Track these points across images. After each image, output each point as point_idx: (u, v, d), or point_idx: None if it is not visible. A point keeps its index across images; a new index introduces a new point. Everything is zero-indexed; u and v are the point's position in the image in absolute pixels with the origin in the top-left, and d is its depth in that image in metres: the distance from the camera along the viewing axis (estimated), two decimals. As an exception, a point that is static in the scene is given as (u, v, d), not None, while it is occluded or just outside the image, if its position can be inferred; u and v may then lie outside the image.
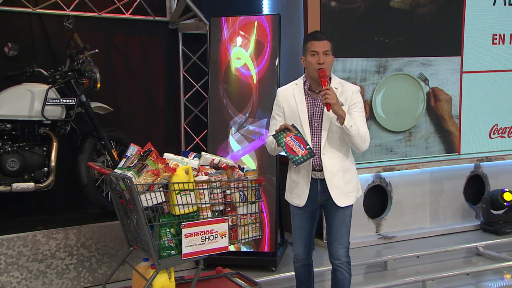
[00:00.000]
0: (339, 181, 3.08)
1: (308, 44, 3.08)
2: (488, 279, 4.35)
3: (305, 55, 3.10)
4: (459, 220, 5.74)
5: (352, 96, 3.10)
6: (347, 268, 3.18)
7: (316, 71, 3.03)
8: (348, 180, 3.12)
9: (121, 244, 4.16)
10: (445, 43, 5.48)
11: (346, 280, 3.19)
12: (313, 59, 3.04)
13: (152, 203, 2.89)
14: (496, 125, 5.80)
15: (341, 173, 3.09)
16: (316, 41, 3.05)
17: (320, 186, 3.11)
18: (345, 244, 3.16)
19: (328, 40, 3.06)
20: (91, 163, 3.37)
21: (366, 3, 5.11)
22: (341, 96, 3.06)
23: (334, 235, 3.16)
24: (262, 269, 4.34)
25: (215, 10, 5.21)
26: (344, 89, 3.12)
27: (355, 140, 3.02)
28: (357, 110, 3.09)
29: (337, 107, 2.91)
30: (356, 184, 3.20)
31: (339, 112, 2.93)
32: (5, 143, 4.07)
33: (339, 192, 3.08)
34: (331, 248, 3.19)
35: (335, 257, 3.17)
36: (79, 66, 4.24)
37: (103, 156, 4.52)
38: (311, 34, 3.14)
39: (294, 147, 2.90)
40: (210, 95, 4.69)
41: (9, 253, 3.84)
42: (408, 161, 5.39)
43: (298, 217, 3.21)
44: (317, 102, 3.10)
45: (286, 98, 3.15)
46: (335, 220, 3.14)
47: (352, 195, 3.14)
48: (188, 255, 2.93)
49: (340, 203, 3.09)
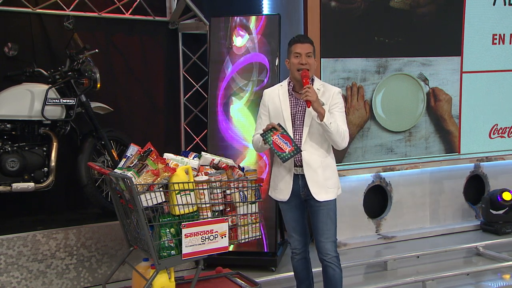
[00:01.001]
0: (318, 177, 3.17)
1: (292, 47, 3.23)
2: (488, 279, 4.35)
3: (289, 57, 3.26)
4: (459, 220, 5.74)
5: (333, 96, 3.23)
6: (337, 264, 3.23)
7: (298, 72, 3.17)
8: (328, 176, 3.20)
9: (121, 244, 4.16)
10: (445, 43, 5.48)
11: (338, 275, 3.23)
12: (296, 60, 3.19)
13: (152, 203, 2.89)
14: (496, 125, 5.80)
15: (321, 169, 3.18)
16: (300, 43, 3.20)
17: (301, 181, 3.20)
18: (331, 238, 3.22)
19: (311, 44, 3.22)
20: (91, 163, 3.37)
21: (366, 3, 5.11)
22: (323, 97, 3.19)
23: (320, 230, 3.22)
24: (262, 269, 4.34)
25: (215, 10, 5.21)
26: (326, 90, 3.25)
27: (334, 137, 3.12)
28: (338, 110, 3.22)
29: (316, 104, 3.05)
30: (337, 181, 3.28)
31: (319, 109, 3.05)
32: (5, 143, 4.07)
33: (318, 186, 3.17)
34: (318, 243, 3.24)
35: (323, 252, 3.22)
36: (79, 66, 4.24)
37: (103, 156, 4.52)
38: (295, 37, 3.27)
39: (281, 144, 3.03)
40: (210, 95, 4.69)
41: (9, 253, 3.84)
42: (408, 161, 5.40)
43: (287, 211, 3.30)
44: (299, 101, 3.23)
45: (272, 99, 3.29)
46: (319, 215, 3.21)
47: (332, 191, 3.22)
48: (188, 255, 2.93)
49: (320, 198, 3.17)
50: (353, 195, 5.20)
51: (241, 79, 4.65)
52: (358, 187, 5.28)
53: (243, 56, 4.66)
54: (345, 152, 5.08)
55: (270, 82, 4.56)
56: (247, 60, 4.65)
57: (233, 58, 4.67)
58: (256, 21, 4.67)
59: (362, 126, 5.21)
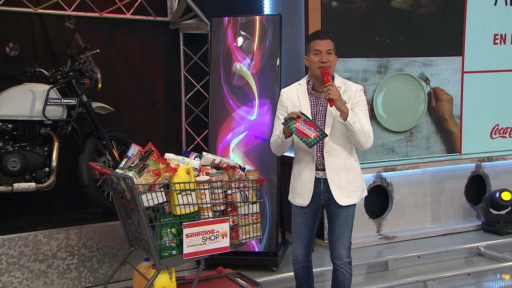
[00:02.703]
0: (341, 180, 3.07)
1: (311, 44, 3.10)
2: (489, 279, 4.34)
3: (308, 54, 3.12)
4: (460, 220, 5.74)
5: (355, 94, 3.11)
6: (348, 269, 3.18)
7: (319, 69, 3.04)
8: (351, 180, 3.11)
9: (122, 244, 4.16)
10: (446, 43, 5.48)
11: (347, 280, 3.19)
12: (316, 58, 3.05)
13: (153, 203, 2.89)
14: (497, 125, 5.80)
15: (344, 172, 3.08)
16: (319, 40, 3.06)
17: (323, 185, 3.10)
18: (346, 244, 3.16)
19: (331, 40, 3.08)
20: (92, 163, 3.37)
21: (367, 3, 5.10)
22: (344, 95, 3.06)
23: (336, 235, 3.15)
24: (263, 269, 4.34)
25: (216, 10, 5.21)
26: (347, 87, 3.12)
27: (359, 137, 3.01)
28: (361, 108, 3.08)
29: (339, 102, 2.92)
30: (361, 184, 3.18)
31: (342, 107, 2.93)
32: (6, 143, 4.07)
33: (341, 191, 3.07)
34: (333, 248, 3.18)
35: (336, 257, 3.17)
36: (80, 66, 4.25)
37: (104, 156, 4.52)
38: (314, 33, 3.14)
39: (305, 130, 2.89)
40: (211, 95, 4.69)
41: (10, 253, 3.84)
42: (409, 161, 5.39)
43: (300, 217, 3.19)
44: (320, 101, 3.11)
45: (290, 99, 3.16)
46: (337, 220, 3.13)
47: (355, 194, 3.12)
48: (189, 255, 2.93)
49: (342, 202, 3.08)
50: (354, 195, 5.19)
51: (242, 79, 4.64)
52: (359, 187, 5.28)
53: (244, 56, 4.65)
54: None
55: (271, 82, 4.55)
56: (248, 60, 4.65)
57: (234, 58, 4.67)
58: (257, 21, 4.66)
59: (363, 126, 5.21)
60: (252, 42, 4.65)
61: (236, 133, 4.61)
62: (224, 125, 4.63)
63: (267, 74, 4.60)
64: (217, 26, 4.72)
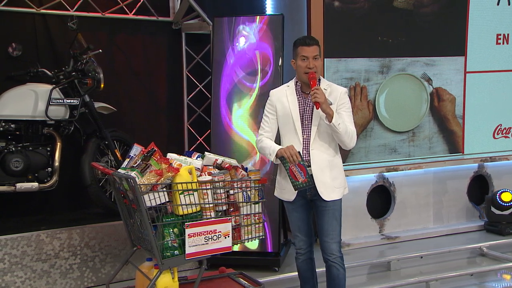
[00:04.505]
0: (326, 177, 3.18)
1: (298, 49, 3.23)
2: (492, 280, 4.34)
3: (296, 59, 3.26)
4: (463, 221, 5.73)
5: (340, 96, 3.25)
6: (341, 264, 3.24)
7: (305, 75, 3.18)
8: (335, 176, 3.22)
9: (125, 244, 4.16)
10: (449, 43, 5.47)
11: (342, 275, 3.25)
12: (303, 64, 3.20)
13: (156, 203, 2.90)
14: (500, 125, 5.79)
15: (328, 169, 3.20)
16: (306, 46, 3.20)
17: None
18: (337, 238, 3.24)
19: (317, 45, 3.22)
20: (94, 163, 3.37)
21: (369, 3, 5.10)
22: (330, 97, 3.20)
23: (325, 230, 3.23)
24: (265, 269, 4.34)
25: (218, 10, 5.22)
26: (332, 90, 3.26)
27: (343, 138, 3.15)
28: (345, 110, 3.25)
29: (325, 105, 3.06)
30: (343, 181, 3.29)
31: (327, 110, 3.07)
32: (9, 143, 4.08)
33: (325, 187, 3.17)
34: (324, 244, 3.25)
35: (328, 252, 3.23)
36: (82, 66, 4.26)
37: (107, 156, 4.52)
38: (301, 39, 3.26)
39: (296, 173, 3.08)
40: (214, 95, 4.69)
41: (13, 253, 3.85)
42: (412, 161, 5.39)
43: (293, 211, 3.31)
44: (307, 101, 3.25)
45: (279, 99, 3.30)
46: (325, 215, 3.22)
47: (338, 191, 3.23)
48: (192, 255, 2.94)
49: (327, 197, 3.17)
50: (356, 195, 5.19)
51: (245, 79, 4.64)
52: (362, 187, 5.27)
53: (247, 56, 4.66)
54: (348, 152, 5.08)
55: (273, 82, 4.56)
56: (250, 60, 4.65)
57: (237, 58, 4.67)
58: (260, 21, 4.67)
59: (366, 126, 5.21)
60: (255, 43, 4.65)
61: (238, 133, 4.62)
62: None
63: (270, 74, 4.59)
64: (219, 26, 4.72)
